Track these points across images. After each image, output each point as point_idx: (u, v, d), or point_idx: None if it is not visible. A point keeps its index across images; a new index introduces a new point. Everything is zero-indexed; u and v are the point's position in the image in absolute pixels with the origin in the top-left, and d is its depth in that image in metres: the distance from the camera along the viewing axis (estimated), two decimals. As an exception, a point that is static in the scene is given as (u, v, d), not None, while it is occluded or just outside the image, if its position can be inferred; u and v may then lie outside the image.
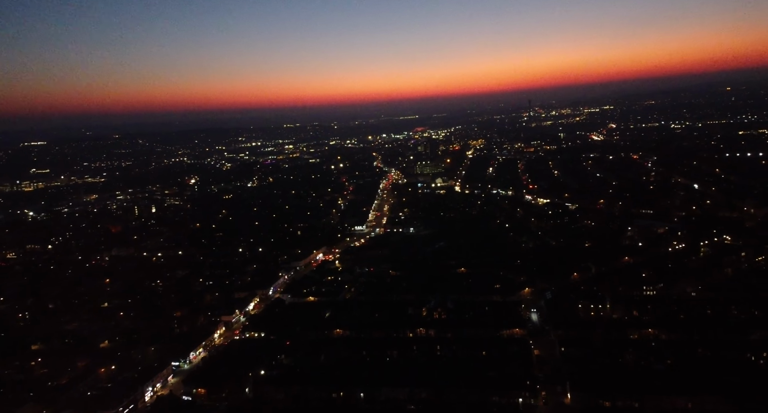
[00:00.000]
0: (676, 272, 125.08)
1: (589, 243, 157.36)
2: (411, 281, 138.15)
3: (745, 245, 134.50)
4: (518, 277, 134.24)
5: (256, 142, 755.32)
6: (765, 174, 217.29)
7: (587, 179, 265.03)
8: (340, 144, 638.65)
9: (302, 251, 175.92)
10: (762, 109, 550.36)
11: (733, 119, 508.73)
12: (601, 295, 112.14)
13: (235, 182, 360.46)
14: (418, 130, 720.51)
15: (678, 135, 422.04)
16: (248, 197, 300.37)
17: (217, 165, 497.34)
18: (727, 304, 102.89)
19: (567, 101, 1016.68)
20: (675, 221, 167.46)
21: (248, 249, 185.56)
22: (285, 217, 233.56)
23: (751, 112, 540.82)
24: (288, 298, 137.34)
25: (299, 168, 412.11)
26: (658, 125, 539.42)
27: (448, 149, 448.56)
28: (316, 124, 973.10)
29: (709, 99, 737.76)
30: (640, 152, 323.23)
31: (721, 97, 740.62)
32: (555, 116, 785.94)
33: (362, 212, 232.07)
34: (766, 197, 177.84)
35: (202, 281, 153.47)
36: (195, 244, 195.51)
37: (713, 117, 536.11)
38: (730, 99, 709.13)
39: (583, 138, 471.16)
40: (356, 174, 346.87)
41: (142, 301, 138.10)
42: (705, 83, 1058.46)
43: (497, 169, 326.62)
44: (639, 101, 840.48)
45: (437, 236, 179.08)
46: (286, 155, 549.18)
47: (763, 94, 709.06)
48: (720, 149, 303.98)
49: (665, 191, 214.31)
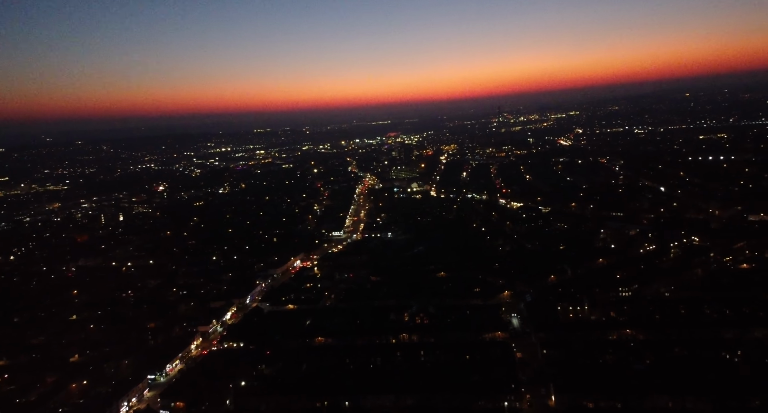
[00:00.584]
0: (649, 273, 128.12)
1: (564, 246, 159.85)
2: (391, 286, 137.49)
3: (713, 246, 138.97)
4: (497, 280, 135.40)
5: (226, 147, 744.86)
6: (726, 177, 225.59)
7: (558, 182, 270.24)
8: (313, 149, 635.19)
9: (279, 258, 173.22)
10: (719, 114, 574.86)
11: (693, 124, 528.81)
12: (579, 297, 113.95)
13: (206, 188, 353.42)
14: (391, 135, 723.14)
15: (642, 140, 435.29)
16: (220, 203, 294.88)
17: (186, 171, 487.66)
18: (700, 304, 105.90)
19: (534, 107, 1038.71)
20: (644, 224, 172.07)
21: (223, 257, 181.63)
22: (260, 224, 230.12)
23: (709, 117, 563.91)
24: (266, 306, 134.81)
25: (272, 174, 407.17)
26: (623, 129, 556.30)
27: (422, 154, 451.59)
28: (287, 129, 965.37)
29: (669, 105, 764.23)
30: (607, 157, 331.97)
31: (680, 103, 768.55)
32: (523, 122, 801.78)
33: (339, 217, 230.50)
34: (729, 199, 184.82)
35: (176, 291, 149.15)
36: (166, 253, 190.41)
37: (674, 122, 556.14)
38: (689, 105, 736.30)
39: (552, 143, 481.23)
40: (331, 179, 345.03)
41: (113, 313, 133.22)
42: (665, 90, 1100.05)
43: (471, 173, 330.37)
44: (603, 107, 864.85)
45: (415, 241, 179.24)
46: (257, 161, 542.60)
47: (719, 100, 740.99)
48: (683, 153, 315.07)
49: (633, 194, 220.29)
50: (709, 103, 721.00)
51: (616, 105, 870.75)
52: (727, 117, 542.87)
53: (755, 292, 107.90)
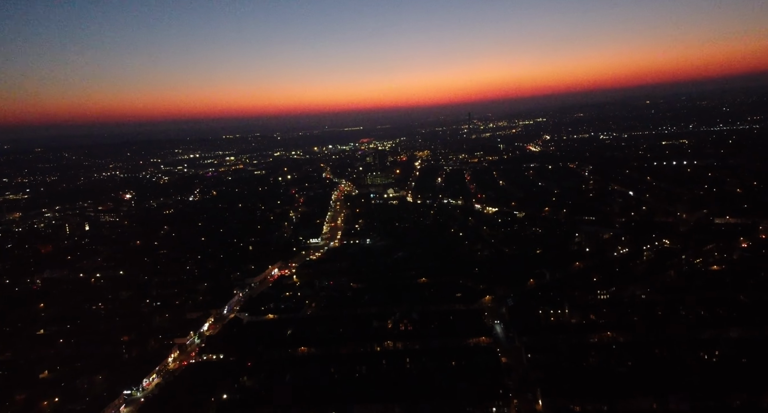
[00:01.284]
0: (625, 275, 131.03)
1: (540, 250, 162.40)
2: (373, 293, 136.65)
3: (684, 249, 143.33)
4: (477, 285, 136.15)
5: (195, 154, 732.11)
6: (691, 181, 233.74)
7: (530, 187, 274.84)
8: (285, 155, 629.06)
9: (256, 267, 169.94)
10: (679, 121, 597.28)
11: (655, 130, 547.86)
12: (559, 300, 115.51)
13: (176, 195, 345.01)
14: (363, 141, 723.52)
15: (608, 145, 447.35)
16: (191, 211, 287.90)
17: (154, 179, 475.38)
18: (676, 305, 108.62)
19: (502, 114, 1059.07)
20: (617, 227, 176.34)
21: (197, 267, 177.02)
22: (234, 231, 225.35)
23: (669, 123, 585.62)
24: (246, 317, 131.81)
25: (244, 180, 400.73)
26: (588, 136, 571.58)
27: (396, 160, 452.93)
28: (257, 135, 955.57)
29: (632, 112, 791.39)
30: (576, 162, 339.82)
31: (641, 110, 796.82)
32: (493, 128, 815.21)
33: (316, 224, 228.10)
34: (695, 203, 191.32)
35: (149, 303, 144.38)
36: (137, 263, 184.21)
37: (637, 128, 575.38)
38: (650, 112, 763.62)
39: (522, 149, 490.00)
40: (306, 186, 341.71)
41: (83, 326, 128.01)
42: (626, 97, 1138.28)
43: (446, 179, 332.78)
44: (569, 114, 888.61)
45: (394, 247, 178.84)
46: (228, 167, 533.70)
47: (678, 108, 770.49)
48: (648, 158, 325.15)
49: (604, 198, 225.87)
50: (669, 110, 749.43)
51: (581, 112, 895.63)
52: (687, 123, 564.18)
53: (727, 293, 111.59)
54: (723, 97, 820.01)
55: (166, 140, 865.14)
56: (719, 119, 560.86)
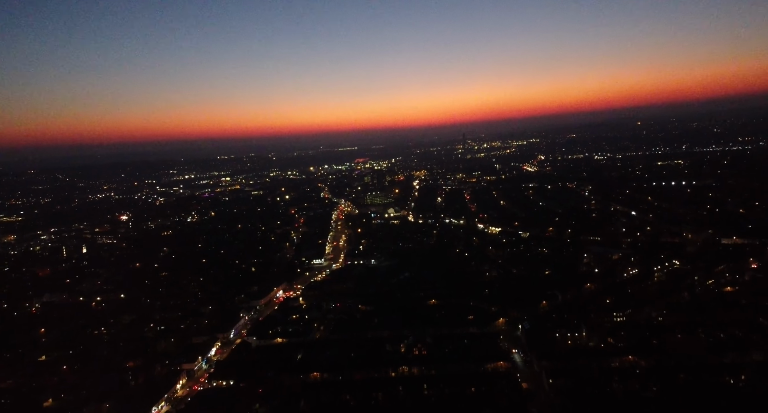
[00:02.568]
0: (638, 297, 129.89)
1: (549, 271, 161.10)
2: (383, 315, 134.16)
3: (694, 270, 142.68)
4: (489, 307, 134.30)
5: (189, 174, 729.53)
6: (692, 201, 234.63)
7: (532, 207, 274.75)
8: (282, 176, 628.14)
9: (260, 289, 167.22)
10: (672, 141, 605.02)
11: (649, 150, 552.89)
12: (576, 323, 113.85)
13: (173, 217, 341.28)
14: (359, 161, 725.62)
15: (604, 166, 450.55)
16: (190, 232, 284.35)
17: (150, 200, 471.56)
18: (694, 328, 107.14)
19: (496, 135, 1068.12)
20: (623, 248, 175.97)
21: (200, 289, 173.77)
22: (235, 253, 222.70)
23: (662, 144, 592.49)
24: (254, 341, 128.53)
25: (242, 201, 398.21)
26: (583, 156, 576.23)
27: (394, 180, 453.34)
28: (252, 155, 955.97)
29: (624, 133, 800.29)
30: (575, 182, 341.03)
31: (633, 131, 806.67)
32: (487, 149, 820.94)
33: (318, 244, 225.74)
34: (700, 223, 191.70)
35: (153, 327, 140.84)
36: (138, 286, 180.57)
37: (630, 149, 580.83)
38: (642, 132, 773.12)
39: (518, 169, 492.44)
40: (305, 206, 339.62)
41: (86, 352, 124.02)
42: (617, 118, 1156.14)
43: (445, 199, 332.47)
44: (561, 135, 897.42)
45: (400, 267, 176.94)
46: (224, 188, 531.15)
47: (670, 129, 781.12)
48: (646, 179, 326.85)
49: (607, 218, 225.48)
50: (661, 131, 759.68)
51: (573, 133, 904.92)
52: (679, 144, 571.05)
53: (744, 315, 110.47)
54: (713, 119, 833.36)
55: (160, 160, 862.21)
56: (711, 139, 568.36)
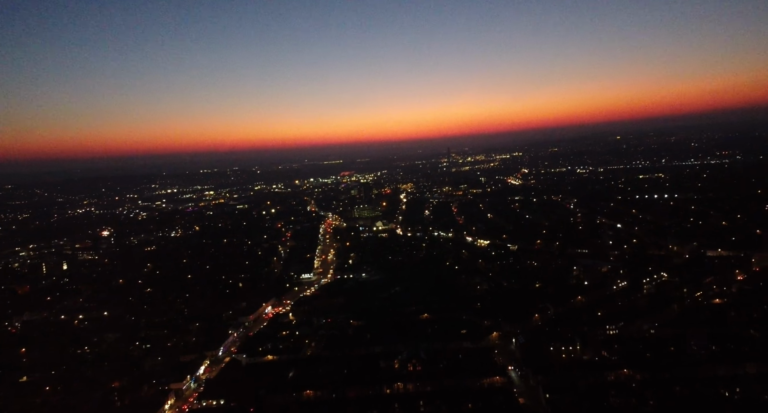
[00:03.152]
0: (629, 310, 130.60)
1: (539, 283, 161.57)
2: (375, 331, 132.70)
3: (682, 282, 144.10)
4: (482, 321, 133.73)
5: (172, 189, 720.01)
6: (676, 214, 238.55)
7: (519, 220, 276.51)
8: (266, 189, 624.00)
9: (248, 305, 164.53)
10: (651, 155, 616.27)
11: (629, 164, 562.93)
12: (570, 337, 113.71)
13: (156, 232, 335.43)
14: (345, 174, 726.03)
15: (586, 179, 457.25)
16: (174, 248, 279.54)
17: (131, 215, 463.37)
18: (687, 340, 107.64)
19: (480, 148, 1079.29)
20: (612, 260, 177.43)
21: (186, 306, 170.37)
22: (221, 268, 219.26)
23: (642, 158, 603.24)
24: (244, 358, 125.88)
25: (227, 215, 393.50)
26: (566, 169, 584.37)
27: (381, 193, 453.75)
28: (236, 169, 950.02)
29: (604, 147, 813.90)
30: (560, 195, 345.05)
31: (613, 145, 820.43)
32: (471, 162, 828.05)
33: (306, 258, 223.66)
34: (684, 236, 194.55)
35: (139, 345, 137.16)
36: (122, 303, 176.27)
37: (612, 163, 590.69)
38: (621, 147, 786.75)
39: (503, 182, 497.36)
40: (292, 219, 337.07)
41: (70, 372, 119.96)
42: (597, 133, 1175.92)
43: (433, 212, 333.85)
44: (544, 149, 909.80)
45: (391, 281, 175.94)
46: (208, 202, 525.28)
47: (648, 143, 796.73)
48: (629, 192, 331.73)
49: (594, 231, 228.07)
50: (640, 145, 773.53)
51: (555, 147, 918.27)
52: (659, 158, 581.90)
53: (734, 327, 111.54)
54: (691, 134, 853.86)
55: (141, 175, 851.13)
56: (689, 153, 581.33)
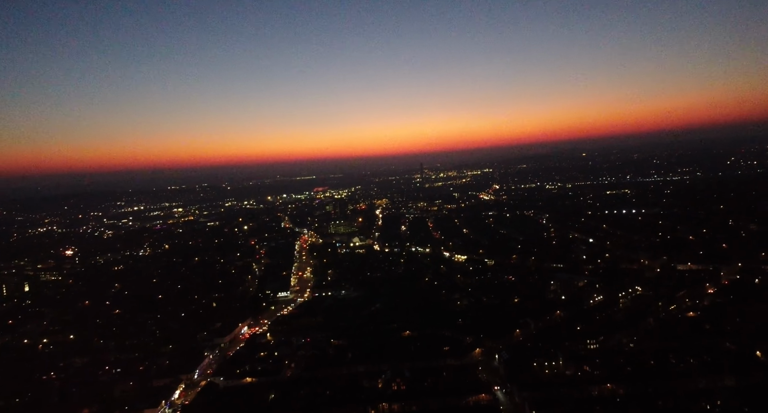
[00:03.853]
0: (607, 324, 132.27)
1: (518, 299, 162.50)
2: (356, 349, 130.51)
3: (657, 296, 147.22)
4: (464, 337, 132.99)
5: (139, 206, 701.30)
6: (644, 229, 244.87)
7: (494, 235, 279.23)
8: (238, 206, 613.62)
9: (224, 325, 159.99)
10: (616, 172, 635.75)
11: (596, 180, 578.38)
12: (553, 352, 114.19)
13: (124, 251, 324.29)
14: (318, 190, 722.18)
15: (556, 195, 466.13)
16: (143, 267, 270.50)
17: (96, 233, 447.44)
18: (665, 354, 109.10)
19: (451, 165, 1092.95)
20: (587, 275, 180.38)
21: (158, 327, 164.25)
22: (194, 287, 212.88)
23: (608, 174, 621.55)
24: (221, 381, 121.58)
25: (197, 232, 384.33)
26: (535, 185, 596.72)
27: (356, 209, 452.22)
28: (205, 185, 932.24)
29: (571, 163, 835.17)
30: (532, 211, 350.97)
31: (579, 162, 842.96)
32: (444, 178, 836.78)
33: (282, 276, 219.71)
34: (654, 250, 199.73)
35: (109, 369, 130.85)
36: (89, 325, 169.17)
37: (579, 179, 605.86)
38: (587, 163, 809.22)
39: (476, 198, 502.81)
40: (266, 236, 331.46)
41: (34, 400, 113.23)
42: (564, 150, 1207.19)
43: (409, 227, 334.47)
44: (513, 165, 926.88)
45: (370, 298, 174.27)
46: (177, 219, 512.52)
47: (613, 160, 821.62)
48: (598, 207, 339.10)
49: (567, 245, 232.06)
50: (605, 162, 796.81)
51: (524, 163, 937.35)
52: (624, 175, 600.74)
53: (710, 340, 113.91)
54: (652, 151, 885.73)
55: (107, 191, 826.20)
56: (652, 170, 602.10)
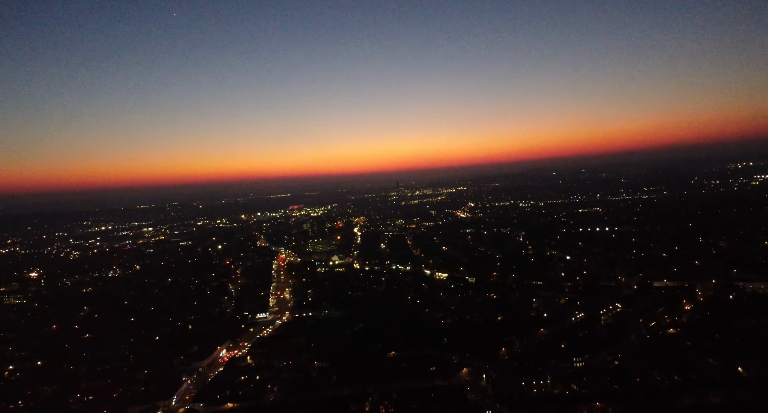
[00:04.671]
0: (591, 341, 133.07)
1: (501, 317, 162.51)
2: (341, 371, 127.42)
3: (636, 312, 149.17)
4: (450, 357, 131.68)
5: (106, 226, 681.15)
6: (618, 246, 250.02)
7: (473, 252, 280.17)
8: (210, 224, 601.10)
9: (201, 348, 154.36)
10: (586, 190, 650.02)
11: (567, 198, 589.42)
12: (541, 370, 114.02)
13: (92, 272, 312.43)
14: (294, 207, 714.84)
15: (530, 213, 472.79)
16: (114, 289, 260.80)
17: (62, 254, 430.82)
18: (650, 371, 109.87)
19: (426, 182, 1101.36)
20: (567, 292, 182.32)
21: (131, 352, 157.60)
22: (167, 310, 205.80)
23: (578, 193, 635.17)
24: (201, 407, 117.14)
25: (169, 252, 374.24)
26: (509, 203, 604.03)
27: (334, 226, 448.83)
28: (176, 204, 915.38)
29: (541, 182, 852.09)
30: (508, 228, 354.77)
31: (550, 181, 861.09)
32: (419, 196, 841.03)
33: (260, 297, 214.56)
34: (630, 267, 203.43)
35: (80, 398, 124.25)
36: (58, 351, 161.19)
37: (550, 197, 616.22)
38: (557, 182, 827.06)
39: (453, 215, 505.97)
40: (241, 255, 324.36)
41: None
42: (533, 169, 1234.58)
43: (389, 245, 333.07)
44: (486, 183, 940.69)
45: (352, 318, 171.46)
46: (147, 239, 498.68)
47: (582, 179, 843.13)
48: (571, 225, 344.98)
49: (545, 262, 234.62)
50: (574, 181, 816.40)
51: (496, 182, 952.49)
52: (593, 193, 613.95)
53: (694, 357, 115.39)
54: (619, 170, 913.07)
55: (72, 211, 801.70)
56: (620, 189, 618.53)
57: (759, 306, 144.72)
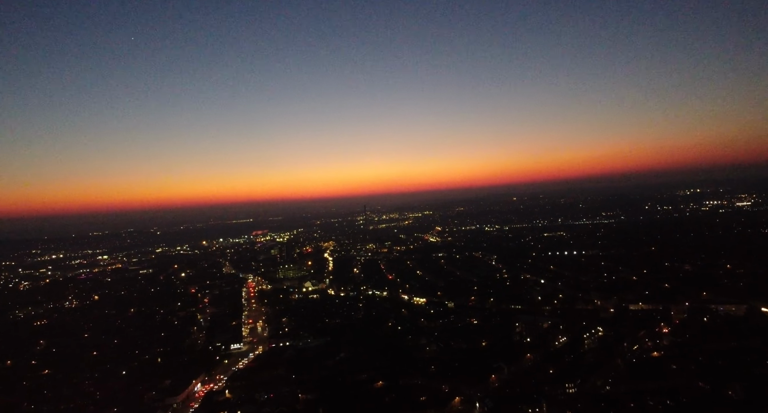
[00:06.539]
0: (579, 366, 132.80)
1: (486, 342, 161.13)
2: (327, 404, 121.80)
3: (619, 336, 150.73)
4: (440, 385, 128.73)
5: (57, 254, 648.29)
6: (589, 269, 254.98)
7: (448, 276, 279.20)
8: (170, 252, 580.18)
9: (174, 383, 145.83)
10: (548, 215, 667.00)
11: (530, 223, 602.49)
12: (536, 397, 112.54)
13: (46, 303, 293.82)
14: (258, 233, 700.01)
15: (497, 236, 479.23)
16: (71, 321, 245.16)
17: (11, 284, 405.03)
18: (642, 396, 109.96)
19: (392, 207, 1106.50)
20: (547, 316, 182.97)
21: (97, 388, 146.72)
22: (133, 342, 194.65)
23: (540, 217, 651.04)
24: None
25: (129, 281, 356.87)
26: (475, 227, 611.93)
27: (303, 252, 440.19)
28: (131, 230, 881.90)
29: (503, 207, 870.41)
30: (480, 252, 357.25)
31: (511, 206, 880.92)
32: (386, 220, 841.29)
33: (233, 326, 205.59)
34: (604, 290, 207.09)
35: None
36: (14, 389, 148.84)
37: (514, 222, 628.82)
38: (519, 207, 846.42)
39: (422, 239, 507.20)
40: (207, 283, 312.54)
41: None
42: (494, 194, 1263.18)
43: (362, 270, 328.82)
44: (451, 207, 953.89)
45: (333, 347, 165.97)
46: (103, 267, 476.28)
47: (542, 204, 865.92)
48: (539, 249, 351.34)
49: (521, 286, 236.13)
50: (535, 206, 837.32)
51: (461, 206, 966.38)
52: (555, 218, 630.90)
53: (680, 380, 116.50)
54: (577, 196, 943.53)
55: (19, 239, 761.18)
56: (580, 214, 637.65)
57: (734, 328, 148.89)
